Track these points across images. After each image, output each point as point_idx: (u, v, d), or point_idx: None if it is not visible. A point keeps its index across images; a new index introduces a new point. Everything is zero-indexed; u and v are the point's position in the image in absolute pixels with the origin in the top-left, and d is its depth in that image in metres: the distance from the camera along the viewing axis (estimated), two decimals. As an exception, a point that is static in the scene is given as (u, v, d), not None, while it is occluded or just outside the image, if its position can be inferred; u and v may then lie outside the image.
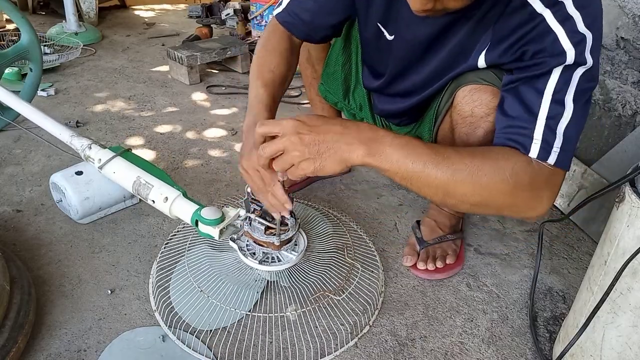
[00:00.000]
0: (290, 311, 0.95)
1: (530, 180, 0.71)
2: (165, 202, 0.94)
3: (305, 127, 0.69)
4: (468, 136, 0.90)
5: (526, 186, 0.71)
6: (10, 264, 0.93)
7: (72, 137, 1.10)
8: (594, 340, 0.77)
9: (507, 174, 0.69)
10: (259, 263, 0.95)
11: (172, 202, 0.94)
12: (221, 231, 0.90)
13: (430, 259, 1.09)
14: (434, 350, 0.92)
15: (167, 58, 2.24)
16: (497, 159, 0.71)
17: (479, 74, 0.88)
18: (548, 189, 0.73)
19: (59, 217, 1.22)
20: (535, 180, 0.71)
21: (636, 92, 1.26)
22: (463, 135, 0.91)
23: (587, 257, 1.18)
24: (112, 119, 1.80)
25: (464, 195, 0.71)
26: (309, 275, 0.99)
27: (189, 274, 0.98)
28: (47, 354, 0.86)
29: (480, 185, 0.70)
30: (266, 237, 0.93)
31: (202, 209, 0.90)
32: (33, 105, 1.20)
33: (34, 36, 1.57)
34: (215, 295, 0.94)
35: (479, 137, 0.89)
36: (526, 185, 0.71)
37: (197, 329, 0.91)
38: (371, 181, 1.47)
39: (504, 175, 0.69)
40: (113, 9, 3.59)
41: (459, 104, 0.90)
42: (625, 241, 0.69)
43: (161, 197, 0.95)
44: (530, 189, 0.72)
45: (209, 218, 0.88)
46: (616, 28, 1.30)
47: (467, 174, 0.69)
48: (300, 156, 0.69)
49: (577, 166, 1.35)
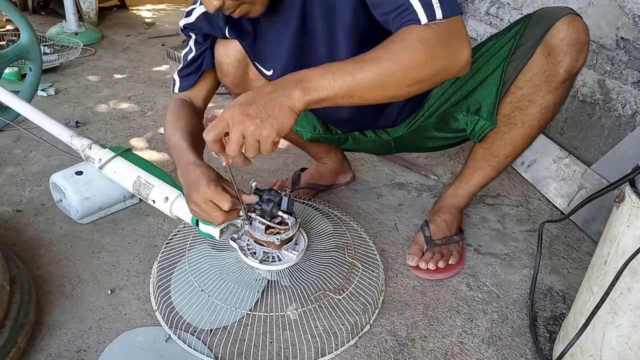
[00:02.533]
0: (291, 310, 0.95)
1: (437, 39, 0.74)
2: (165, 202, 0.94)
3: (244, 104, 0.73)
4: (577, 61, 0.95)
5: (438, 46, 0.74)
6: (10, 264, 0.93)
7: (72, 137, 1.10)
8: (594, 340, 0.77)
9: (418, 45, 0.74)
10: (260, 262, 0.95)
11: (173, 202, 0.94)
12: (222, 231, 0.90)
13: (434, 259, 1.10)
14: (434, 350, 0.92)
15: (167, 58, 2.24)
16: (403, 39, 0.75)
17: None
18: (456, 38, 0.76)
19: (59, 217, 1.22)
20: (441, 37, 0.74)
21: (636, 92, 1.26)
22: (573, 62, 0.94)
23: (587, 257, 1.18)
24: (112, 119, 1.80)
25: (398, 82, 0.75)
26: (309, 275, 0.99)
27: (189, 274, 0.98)
28: (47, 354, 0.86)
29: (405, 65, 0.74)
30: (267, 237, 0.93)
31: None
32: (33, 105, 1.20)
33: (33, 36, 1.57)
34: (216, 295, 0.94)
35: (584, 59, 0.95)
36: (437, 45, 0.74)
37: (198, 328, 0.91)
38: (371, 181, 1.47)
39: (415, 47, 0.74)
40: (113, 9, 3.59)
41: (567, 36, 0.93)
42: (625, 241, 0.69)
43: (162, 197, 0.95)
44: (443, 47, 0.75)
45: None
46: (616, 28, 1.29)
47: (389, 63, 0.74)
48: (258, 127, 0.73)
49: (577, 166, 1.35)
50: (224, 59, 1.07)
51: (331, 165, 1.37)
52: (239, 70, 1.08)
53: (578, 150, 1.44)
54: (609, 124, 1.34)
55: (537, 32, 0.97)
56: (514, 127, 1.04)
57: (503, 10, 1.87)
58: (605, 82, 1.35)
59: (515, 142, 1.06)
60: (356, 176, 1.47)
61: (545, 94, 0.99)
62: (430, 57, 0.74)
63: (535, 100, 1.00)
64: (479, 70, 1.03)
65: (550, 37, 0.95)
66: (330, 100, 0.75)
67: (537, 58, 0.97)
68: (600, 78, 1.36)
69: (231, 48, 1.05)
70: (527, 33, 0.98)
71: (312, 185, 1.35)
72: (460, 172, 1.19)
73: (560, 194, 1.37)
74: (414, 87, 0.77)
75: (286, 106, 0.72)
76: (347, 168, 1.42)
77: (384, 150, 1.21)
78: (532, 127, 1.03)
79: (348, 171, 1.43)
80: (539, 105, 1.00)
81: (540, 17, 0.97)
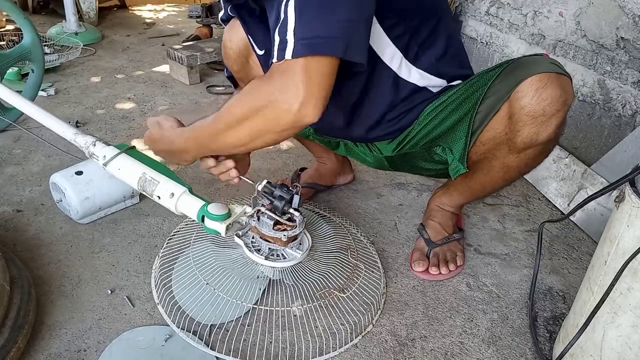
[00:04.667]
0: (296, 306, 0.95)
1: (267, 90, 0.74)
2: (171, 198, 0.94)
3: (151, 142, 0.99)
4: (538, 135, 0.87)
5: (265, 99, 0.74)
6: (10, 264, 0.93)
7: (76, 135, 1.10)
8: (594, 340, 0.77)
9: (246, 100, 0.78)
10: (265, 259, 0.95)
11: (179, 198, 0.93)
12: (227, 227, 0.90)
13: (442, 262, 1.09)
14: (434, 350, 0.92)
15: (167, 58, 2.24)
16: (241, 95, 0.81)
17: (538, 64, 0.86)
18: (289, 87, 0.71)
19: (59, 217, 1.22)
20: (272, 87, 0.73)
21: (636, 92, 1.26)
22: (531, 135, 0.87)
23: (587, 257, 1.18)
24: (112, 119, 1.80)
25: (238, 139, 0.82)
26: (313, 274, 0.99)
27: (193, 267, 0.98)
28: (47, 354, 0.86)
29: (234, 124, 0.80)
30: (274, 233, 0.93)
31: (208, 205, 0.90)
32: (36, 104, 1.19)
33: (36, 37, 1.57)
34: (220, 288, 0.93)
35: (550, 133, 0.87)
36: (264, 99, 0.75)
37: (201, 324, 0.91)
38: (371, 181, 1.47)
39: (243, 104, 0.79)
40: (113, 9, 3.59)
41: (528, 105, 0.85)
42: (625, 241, 0.69)
43: (167, 193, 0.94)
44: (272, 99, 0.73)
45: (215, 214, 0.88)
46: (616, 28, 1.30)
47: (222, 125, 0.82)
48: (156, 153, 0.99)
49: (577, 166, 1.35)
50: (227, 42, 1.11)
51: (331, 165, 1.37)
52: (239, 57, 1.11)
53: (578, 150, 1.44)
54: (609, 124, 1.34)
55: (505, 87, 0.88)
56: (481, 173, 1.01)
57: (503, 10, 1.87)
58: (605, 82, 1.35)
59: (484, 185, 1.04)
60: (356, 176, 1.47)
61: (507, 155, 0.94)
62: (255, 111, 0.76)
63: (498, 157, 0.95)
64: (455, 110, 0.96)
65: (514, 100, 0.87)
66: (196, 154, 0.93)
67: (501, 117, 0.91)
68: (600, 78, 1.36)
69: (235, 34, 1.07)
70: (496, 84, 0.89)
71: (312, 185, 1.35)
72: (445, 183, 1.18)
73: (560, 194, 1.37)
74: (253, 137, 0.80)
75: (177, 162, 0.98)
76: (347, 169, 1.42)
77: (378, 165, 1.17)
78: (497, 179, 1.00)
79: (348, 172, 1.42)
80: (501, 162, 0.96)
81: (514, 68, 0.88)
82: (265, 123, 0.76)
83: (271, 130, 0.77)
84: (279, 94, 0.72)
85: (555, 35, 1.56)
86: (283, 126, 0.75)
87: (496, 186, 1.05)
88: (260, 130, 0.78)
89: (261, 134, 0.78)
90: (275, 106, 0.73)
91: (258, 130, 0.78)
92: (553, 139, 0.89)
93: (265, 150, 1.63)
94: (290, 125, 0.74)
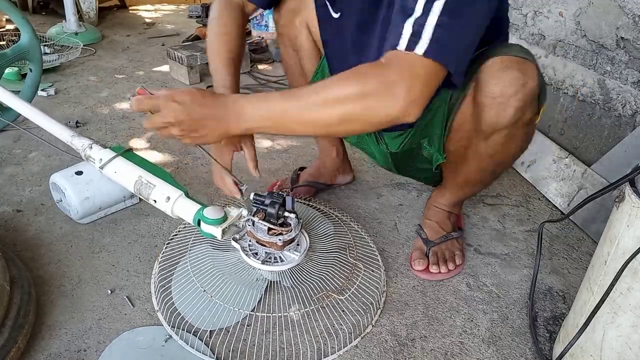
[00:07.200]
0: (293, 311, 0.95)
1: (379, 78, 0.71)
2: (167, 201, 0.94)
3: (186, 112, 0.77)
4: (498, 117, 0.87)
5: (374, 87, 0.71)
6: (10, 264, 0.93)
7: (72, 137, 1.10)
8: (594, 340, 0.77)
9: (356, 83, 0.72)
10: (262, 263, 0.95)
11: (174, 202, 0.93)
12: (224, 231, 0.90)
13: (441, 261, 1.09)
14: (434, 350, 0.92)
15: (167, 58, 2.24)
16: (349, 74, 0.74)
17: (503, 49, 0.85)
18: (403, 83, 0.70)
19: (59, 217, 1.22)
20: (386, 76, 0.70)
21: (636, 92, 1.26)
22: (492, 117, 0.87)
23: (587, 257, 1.18)
24: (112, 119, 1.80)
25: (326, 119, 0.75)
26: (311, 275, 0.99)
27: (191, 274, 0.98)
28: (47, 354, 0.86)
29: (330, 101, 0.73)
30: (269, 237, 0.93)
31: (204, 209, 0.90)
32: (33, 105, 1.19)
33: (34, 36, 1.57)
34: (217, 295, 0.94)
35: (509, 117, 0.86)
36: (373, 86, 0.71)
37: (201, 329, 0.91)
38: (371, 181, 1.47)
39: (352, 85, 0.72)
40: (113, 9, 3.59)
41: (487, 85, 0.86)
42: (625, 241, 0.69)
43: (163, 197, 0.94)
44: (379, 88, 0.71)
45: (211, 218, 0.88)
46: (616, 28, 1.29)
47: (318, 98, 0.74)
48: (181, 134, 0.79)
49: (577, 166, 1.35)
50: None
51: (330, 165, 1.37)
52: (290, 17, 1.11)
53: (578, 150, 1.44)
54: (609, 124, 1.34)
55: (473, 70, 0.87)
56: (461, 164, 1.01)
57: (503, 10, 1.86)
58: (605, 82, 1.35)
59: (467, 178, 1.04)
60: (356, 176, 1.47)
61: (478, 142, 0.94)
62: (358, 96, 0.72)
63: (470, 145, 0.96)
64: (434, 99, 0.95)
65: (477, 81, 0.87)
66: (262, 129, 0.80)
67: (468, 100, 0.91)
68: (600, 78, 1.36)
69: None
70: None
71: (311, 183, 1.35)
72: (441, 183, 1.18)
73: (560, 194, 1.37)
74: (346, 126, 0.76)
75: (219, 133, 0.79)
76: (347, 169, 1.42)
77: (384, 161, 1.19)
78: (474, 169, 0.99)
79: (348, 172, 1.43)
80: (473, 150, 0.96)
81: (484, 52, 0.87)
82: (363, 110, 0.73)
83: (366, 120, 0.74)
84: (392, 85, 0.70)
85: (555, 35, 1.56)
86: (381, 118, 0.73)
87: (477, 177, 1.04)
88: (354, 116, 0.74)
89: (352, 121, 0.74)
90: (383, 96, 0.70)
91: (353, 115, 0.73)
92: (518, 124, 0.88)
93: (265, 150, 1.63)
94: (390, 120, 0.72)
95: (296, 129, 0.79)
